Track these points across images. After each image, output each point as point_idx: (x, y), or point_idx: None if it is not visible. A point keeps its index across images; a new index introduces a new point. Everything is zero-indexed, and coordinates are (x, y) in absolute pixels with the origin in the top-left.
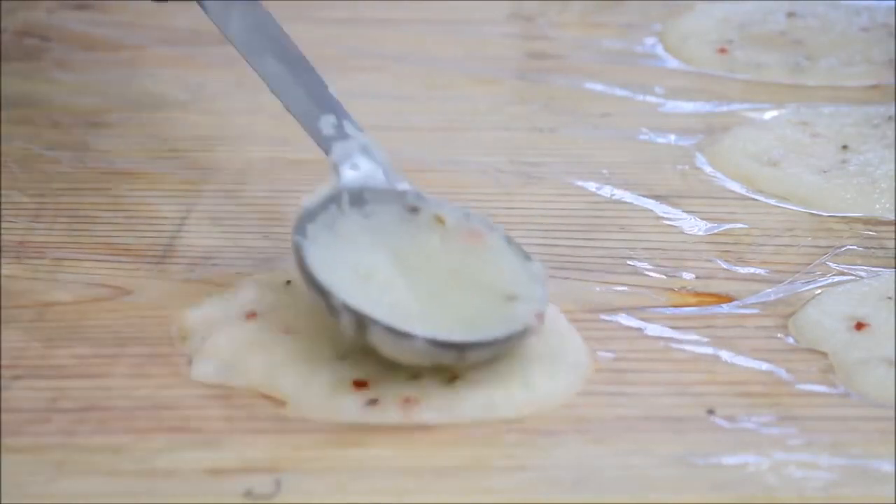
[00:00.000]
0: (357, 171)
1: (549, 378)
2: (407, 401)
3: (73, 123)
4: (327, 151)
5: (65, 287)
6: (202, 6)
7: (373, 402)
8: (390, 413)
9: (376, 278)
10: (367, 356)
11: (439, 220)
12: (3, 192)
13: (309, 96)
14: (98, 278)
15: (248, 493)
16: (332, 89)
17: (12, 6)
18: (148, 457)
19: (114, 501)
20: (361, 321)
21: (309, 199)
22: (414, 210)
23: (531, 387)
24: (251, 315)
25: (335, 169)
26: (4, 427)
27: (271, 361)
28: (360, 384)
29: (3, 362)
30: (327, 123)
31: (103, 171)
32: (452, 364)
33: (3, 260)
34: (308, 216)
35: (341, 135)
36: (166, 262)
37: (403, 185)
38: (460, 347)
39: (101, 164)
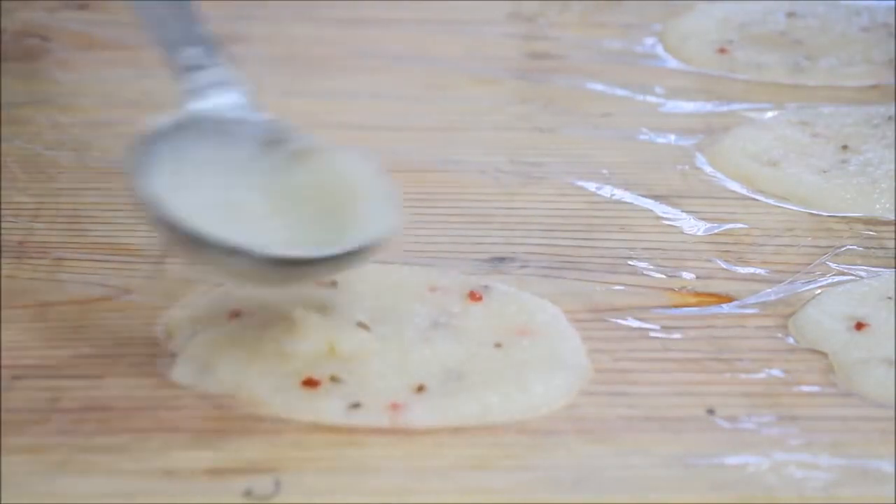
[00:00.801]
0: (215, 100)
1: (546, 381)
2: (394, 406)
3: (73, 123)
4: (184, 79)
5: (65, 287)
6: None
7: (355, 406)
8: (376, 417)
9: (229, 209)
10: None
11: (302, 153)
12: (3, 192)
13: (180, 29)
14: (98, 278)
15: (248, 493)
16: (208, 27)
17: (12, 6)
18: (148, 457)
19: (114, 501)
20: (195, 238)
21: (155, 120)
22: (275, 142)
23: (527, 390)
24: (234, 315)
25: (190, 96)
26: (4, 427)
27: (240, 366)
28: (310, 383)
29: (3, 362)
30: (192, 55)
31: (103, 171)
32: (294, 281)
33: (3, 260)
34: (152, 137)
35: (203, 66)
36: (166, 262)
37: (261, 117)
38: (296, 263)
39: (101, 164)
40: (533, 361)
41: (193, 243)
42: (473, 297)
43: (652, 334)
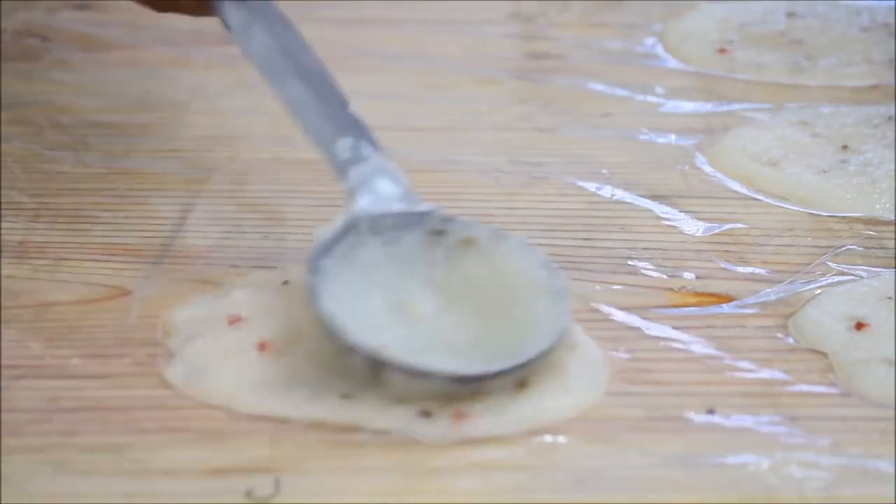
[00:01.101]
0: (375, 195)
1: (583, 379)
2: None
3: (73, 123)
4: (343, 176)
5: (65, 287)
6: (224, 25)
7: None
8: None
9: (403, 310)
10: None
11: (467, 242)
12: (3, 192)
13: (326, 118)
14: (98, 278)
15: (248, 493)
16: (352, 107)
17: (12, 6)
18: (148, 457)
19: (114, 501)
20: (376, 362)
21: (323, 231)
22: (439, 233)
23: (571, 389)
24: (234, 320)
25: (351, 196)
26: (4, 427)
27: (236, 380)
28: None
29: (3, 362)
30: (344, 147)
31: (103, 171)
32: (467, 395)
33: (3, 260)
34: (323, 250)
35: (357, 158)
36: (166, 262)
37: (425, 207)
38: (478, 379)
39: (101, 164)
40: (562, 365)
41: (380, 367)
42: None
43: (652, 334)
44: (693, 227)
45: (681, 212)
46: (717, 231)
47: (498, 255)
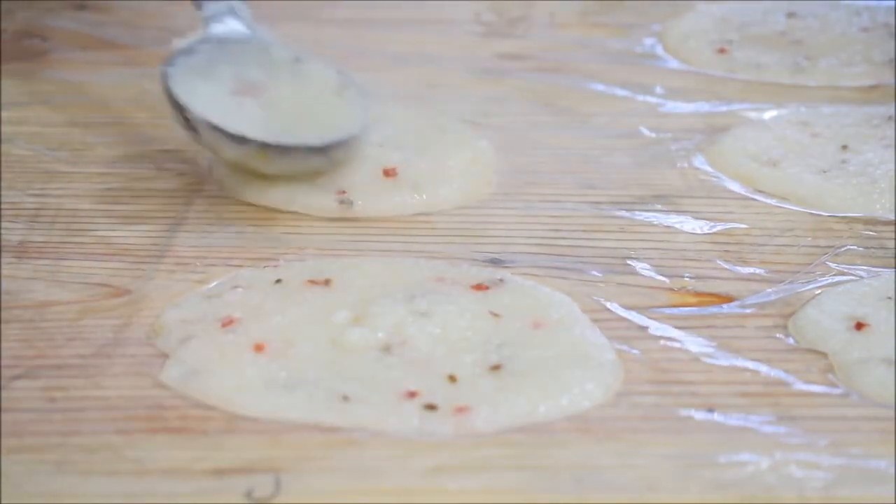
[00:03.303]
0: (223, 24)
1: (584, 378)
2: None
3: (72, 123)
4: (199, 7)
5: (65, 287)
6: None
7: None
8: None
9: (248, 96)
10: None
11: (297, 60)
12: (3, 192)
13: None
14: (98, 278)
15: (248, 493)
16: None
17: (12, 6)
18: (148, 457)
19: (114, 501)
20: (210, 127)
21: (180, 42)
22: (272, 52)
23: (571, 387)
24: (228, 322)
25: (206, 21)
26: (4, 427)
27: (235, 382)
28: None
29: (3, 362)
30: None
31: (103, 171)
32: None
33: (3, 260)
34: (179, 53)
35: None
36: (165, 262)
37: (264, 35)
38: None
39: (101, 165)
40: (564, 357)
41: (211, 132)
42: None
43: (652, 334)
44: (693, 227)
45: (681, 212)
46: (717, 231)
47: (319, 70)
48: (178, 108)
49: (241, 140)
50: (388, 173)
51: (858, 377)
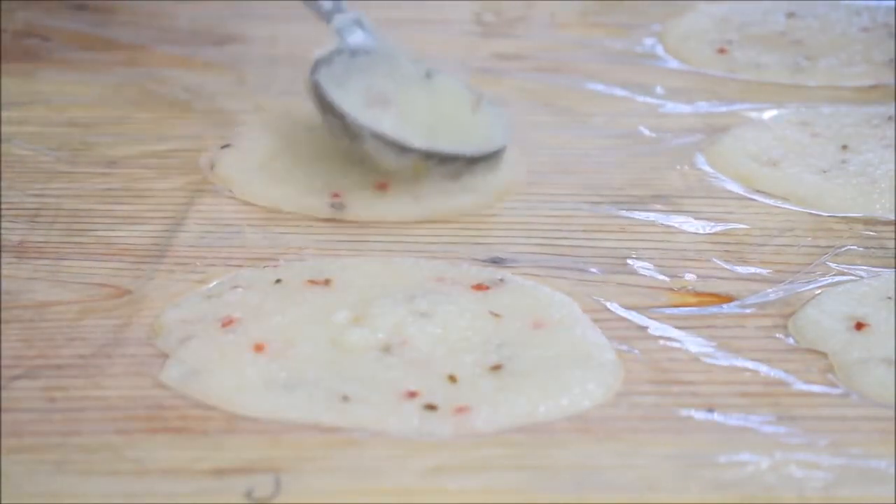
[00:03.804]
0: (354, 35)
1: (584, 378)
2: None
3: (73, 123)
4: (328, 20)
5: (65, 287)
6: None
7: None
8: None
9: (381, 107)
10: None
11: (429, 75)
12: (3, 192)
13: None
14: (98, 278)
15: (248, 493)
16: None
17: (12, 6)
18: (148, 457)
19: (114, 501)
20: (374, 136)
21: (318, 52)
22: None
23: (570, 389)
24: (227, 322)
25: (339, 33)
26: (4, 427)
27: (235, 382)
28: None
29: (3, 362)
30: (327, 5)
31: (103, 170)
32: (449, 177)
33: (3, 260)
34: (320, 62)
35: (338, 9)
36: (165, 262)
37: (394, 49)
38: (451, 159)
39: (101, 164)
40: (570, 363)
41: (373, 140)
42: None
43: (652, 334)
44: (693, 227)
45: (681, 212)
46: (717, 231)
47: (450, 84)
48: (337, 116)
49: (404, 149)
50: (382, 187)
51: (858, 377)
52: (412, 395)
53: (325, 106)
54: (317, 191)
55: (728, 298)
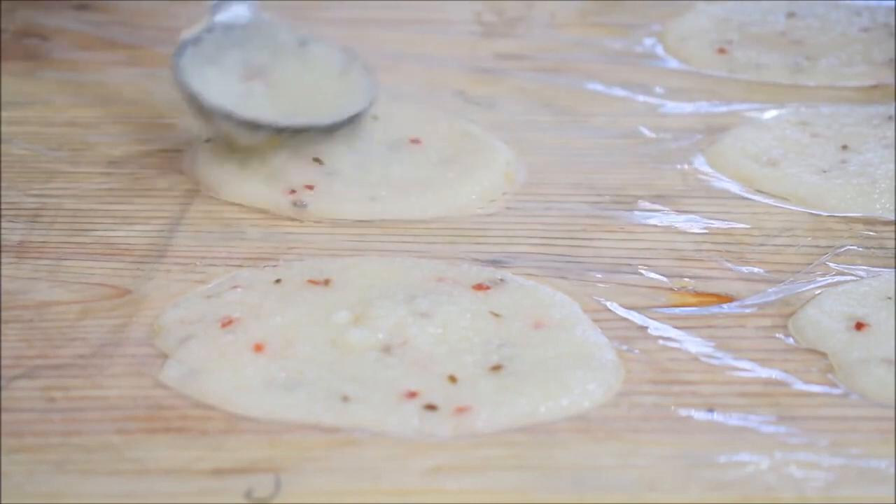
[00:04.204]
0: (226, 11)
1: (585, 378)
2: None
3: (73, 123)
4: None
5: (65, 287)
6: None
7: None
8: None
9: (255, 80)
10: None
11: (302, 43)
12: (3, 192)
13: None
14: (98, 278)
15: (248, 494)
16: None
17: (12, 6)
18: (148, 457)
19: (114, 501)
20: (224, 116)
21: (185, 32)
22: (277, 37)
23: (571, 388)
24: (227, 322)
25: (210, 10)
26: (4, 427)
27: (234, 382)
28: None
29: (3, 362)
30: None
31: (103, 171)
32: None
33: (3, 260)
34: (186, 43)
35: None
36: (165, 262)
37: (269, 19)
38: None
39: (101, 165)
40: (565, 357)
41: (224, 120)
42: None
43: (652, 334)
44: (693, 227)
45: (681, 212)
46: (717, 231)
47: (323, 52)
48: (191, 98)
49: (254, 126)
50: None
51: (858, 377)
52: (412, 395)
53: (182, 88)
54: (280, 188)
55: (728, 298)
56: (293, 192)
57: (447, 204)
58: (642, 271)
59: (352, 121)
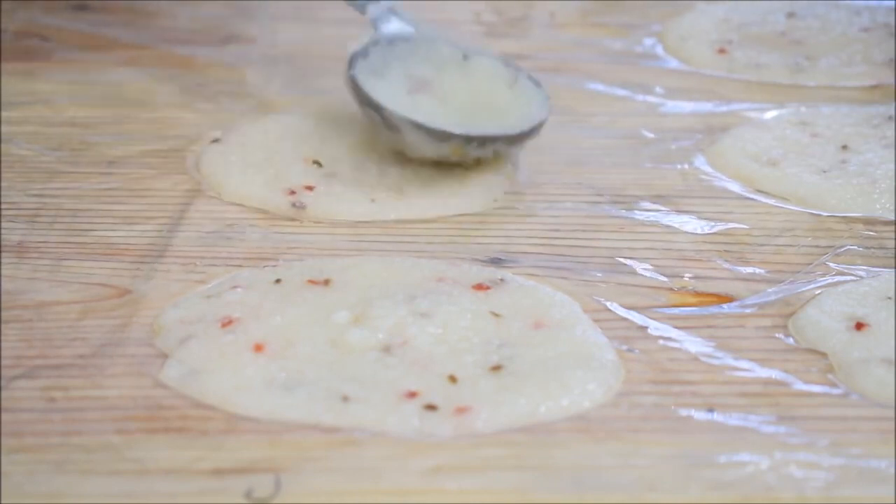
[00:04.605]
0: (390, 24)
1: (585, 378)
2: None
3: (73, 123)
4: (363, 11)
5: (65, 287)
6: None
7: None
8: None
9: (421, 93)
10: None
11: (466, 57)
12: (3, 192)
13: None
14: (98, 278)
15: (248, 494)
16: None
17: (12, 6)
18: (148, 457)
19: (114, 501)
20: (413, 126)
21: (353, 46)
22: (441, 50)
23: (571, 388)
24: (227, 322)
25: (374, 23)
26: (4, 427)
27: (234, 382)
28: None
29: (3, 362)
30: None
31: (103, 171)
32: (483, 155)
33: (3, 260)
34: (356, 56)
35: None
36: (165, 262)
37: (431, 34)
38: (491, 140)
39: (101, 164)
40: (565, 357)
41: (413, 130)
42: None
43: (652, 334)
44: (693, 227)
45: (681, 212)
46: (717, 231)
47: (487, 64)
48: (375, 109)
49: (444, 136)
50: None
51: (858, 377)
52: (412, 395)
53: (363, 100)
54: (280, 190)
55: (728, 298)
56: (293, 192)
57: (447, 204)
58: (642, 271)
59: (535, 130)
